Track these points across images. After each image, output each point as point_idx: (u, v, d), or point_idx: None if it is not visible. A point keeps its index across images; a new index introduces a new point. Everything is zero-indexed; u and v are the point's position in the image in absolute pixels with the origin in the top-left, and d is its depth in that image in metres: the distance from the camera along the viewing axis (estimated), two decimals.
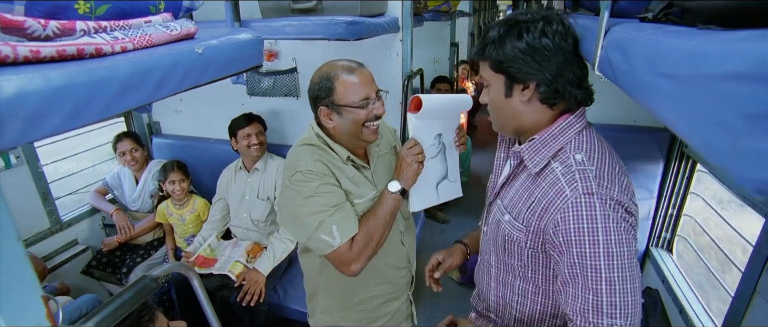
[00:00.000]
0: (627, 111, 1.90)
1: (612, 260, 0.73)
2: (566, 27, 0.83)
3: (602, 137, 0.88)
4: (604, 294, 0.73)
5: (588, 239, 0.74)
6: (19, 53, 0.52)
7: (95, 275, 2.32)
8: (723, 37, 0.39)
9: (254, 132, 2.12)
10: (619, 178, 0.79)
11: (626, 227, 0.74)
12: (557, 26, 0.81)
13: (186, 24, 0.86)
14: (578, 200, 0.75)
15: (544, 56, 0.81)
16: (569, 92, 0.83)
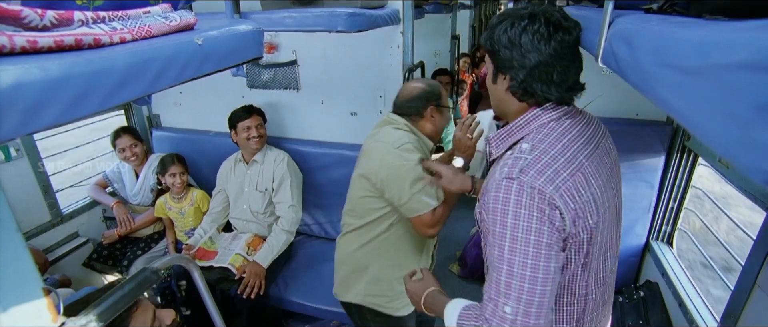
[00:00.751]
0: (628, 104, 1.90)
1: (515, 244, 0.76)
2: (551, 29, 0.82)
3: (575, 130, 0.86)
4: (503, 274, 0.77)
5: (499, 220, 0.77)
6: (15, 43, 0.51)
7: (96, 268, 2.33)
8: (731, 27, 0.38)
9: (254, 124, 2.11)
10: (558, 171, 0.78)
11: (540, 217, 0.75)
12: (539, 27, 0.82)
13: (185, 15, 0.85)
14: (499, 183, 0.78)
15: (520, 52, 0.83)
16: (539, 91, 0.85)
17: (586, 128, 0.88)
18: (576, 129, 0.86)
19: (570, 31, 0.84)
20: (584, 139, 0.86)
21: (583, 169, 0.81)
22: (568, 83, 0.85)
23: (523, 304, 0.76)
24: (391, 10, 1.96)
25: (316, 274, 2.19)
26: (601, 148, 0.89)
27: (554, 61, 0.83)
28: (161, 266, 0.96)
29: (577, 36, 0.85)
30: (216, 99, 2.46)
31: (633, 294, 1.87)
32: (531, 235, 0.75)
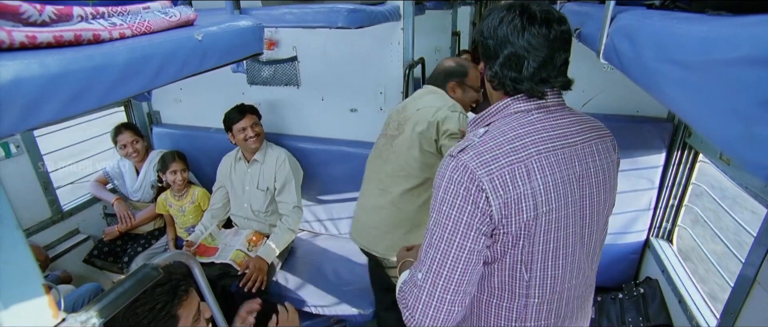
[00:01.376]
0: (629, 101, 1.89)
1: (439, 217, 0.81)
2: (525, 21, 0.83)
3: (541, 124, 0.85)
4: (425, 242, 0.83)
5: (434, 192, 0.83)
6: (15, 39, 0.51)
7: (97, 264, 2.33)
8: (735, 22, 0.38)
9: (249, 124, 2.09)
10: (497, 157, 0.79)
11: (465, 196, 0.77)
12: (513, 18, 0.83)
13: (185, 10, 0.85)
14: (444, 159, 0.84)
15: (495, 43, 0.85)
16: (509, 82, 0.86)
17: (560, 125, 0.87)
18: (543, 123, 0.85)
19: (547, 24, 0.84)
20: (549, 135, 0.84)
21: (529, 162, 0.80)
22: (540, 76, 0.84)
23: (432, 275, 0.81)
24: (392, 7, 1.95)
25: (316, 271, 2.20)
26: (577, 148, 0.87)
27: (526, 53, 0.83)
28: (162, 262, 0.96)
29: (559, 31, 0.84)
30: (216, 95, 2.45)
31: (633, 290, 1.87)
32: (453, 210, 0.79)
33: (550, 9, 0.86)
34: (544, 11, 0.84)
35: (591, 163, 0.88)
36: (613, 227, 1.99)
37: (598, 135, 0.92)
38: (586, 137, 0.89)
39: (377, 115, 2.27)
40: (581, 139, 0.88)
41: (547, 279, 0.88)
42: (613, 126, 1.82)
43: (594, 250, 0.97)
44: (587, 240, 0.93)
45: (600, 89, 1.90)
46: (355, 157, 2.27)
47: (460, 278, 0.80)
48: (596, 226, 0.93)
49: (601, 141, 0.92)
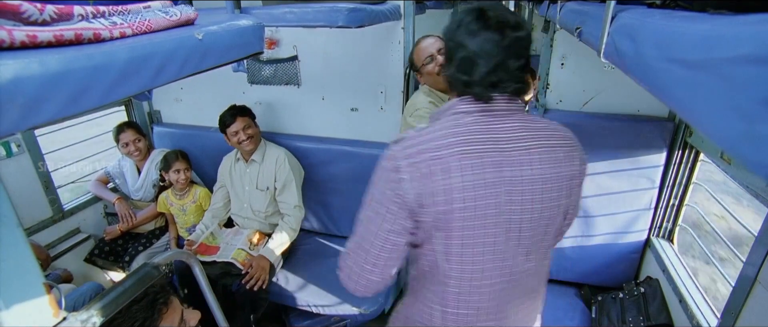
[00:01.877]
0: (630, 100, 1.89)
1: (368, 196, 0.91)
2: (479, 26, 0.85)
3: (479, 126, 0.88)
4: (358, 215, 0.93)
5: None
6: (15, 38, 0.51)
7: (98, 263, 2.34)
8: (736, 21, 0.38)
9: (241, 127, 2.08)
10: (422, 151, 0.85)
11: (387, 179, 0.87)
12: (469, 22, 0.86)
13: (185, 9, 0.85)
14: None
15: (452, 45, 0.89)
16: (459, 84, 0.89)
17: (498, 130, 0.88)
18: (480, 127, 0.87)
19: (500, 29, 0.85)
20: (481, 138, 0.86)
21: (450, 160, 0.84)
22: (490, 80, 0.86)
23: (355, 246, 0.92)
24: (392, 6, 1.95)
25: (316, 270, 2.20)
26: (511, 154, 0.87)
27: (478, 57, 0.85)
28: (163, 261, 0.96)
29: (513, 37, 0.84)
30: (217, 95, 2.45)
31: (633, 290, 1.87)
32: (377, 191, 0.89)
33: (507, 14, 0.87)
34: (499, 16, 0.86)
35: (529, 169, 0.89)
36: (613, 227, 1.99)
37: (549, 144, 0.91)
38: (529, 144, 0.89)
39: (378, 114, 2.27)
40: (521, 146, 0.88)
41: (464, 273, 0.92)
42: (614, 125, 1.84)
43: (537, 257, 0.98)
44: (523, 245, 0.94)
45: (600, 89, 1.90)
46: (355, 157, 2.27)
47: (378, 254, 0.89)
48: (539, 233, 0.94)
49: (553, 151, 0.91)
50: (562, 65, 1.91)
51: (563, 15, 1.42)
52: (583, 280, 2.12)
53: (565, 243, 2.08)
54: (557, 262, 2.13)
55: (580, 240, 2.05)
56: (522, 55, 0.88)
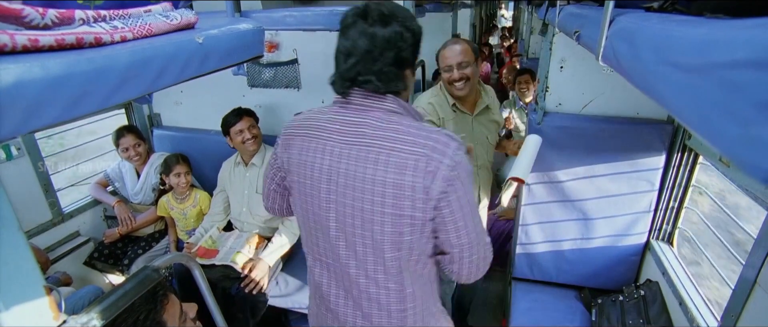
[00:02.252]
0: (629, 103, 1.89)
1: None
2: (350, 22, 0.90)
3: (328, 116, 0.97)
4: None
5: None
6: (17, 42, 0.52)
7: (97, 267, 2.33)
8: (731, 25, 0.38)
9: (246, 126, 2.10)
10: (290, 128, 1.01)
11: (276, 145, 1.06)
12: (344, 18, 0.92)
13: (186, 13, 0.86)
14: None
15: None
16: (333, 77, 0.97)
17: (338, 122, 0.95)
18: (327, 116, 0.97)
19: (365, 27, 0.89)
20: (320, 125, 0.97)
21: (297, 138, 0.99)
22: (348, 75, 0.92)
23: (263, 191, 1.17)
24: None
25: None
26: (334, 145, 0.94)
27: (340, 53, 0.93)
28: (162, 264, 0.96)
29: (371, 33, 0.88)
30: (217, 98, 2.46)
31: (633, 293, 1.87)
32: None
33: (385, 11, 0.90)
34: (374, 12, 0.90)
35: (353, 166, 0.92)
36: (613, 229, 2.00)
37: (394, 148, 0.90)
38: (370, 142, 0.91)
39: None
40: (360, 141, 0.92)
41: (309, 238, 1.07)
42: (613, 128, 1.84)
43: (367, 261, 0.99)
44: (344, 239, 0.99)
45: (600, 92, 1.91)
46: None
47: (267, 194, 1.15)
48: (365, 235, 0.95)
49: (395, 155, 0.90)
50: (562, 68, 1.92)
51: (562, 18, 1.43)
52: (583, 283, 2.12)
53: (564, 245, 2.08)
54: (557, 265, 2.13)
55: (580, 242, 2.05)
56: (384, 52, 0.90)
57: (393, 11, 0.91)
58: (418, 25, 0.95)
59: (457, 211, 0.92)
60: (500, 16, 12.87)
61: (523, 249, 2.15)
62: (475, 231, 0.97)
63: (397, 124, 0.92)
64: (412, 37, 0.93)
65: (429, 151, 0.88)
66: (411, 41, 0.93)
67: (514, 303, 2.10)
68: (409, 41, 0.92)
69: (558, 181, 1.97)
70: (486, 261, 1.04)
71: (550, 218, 2.06)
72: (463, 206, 0.93)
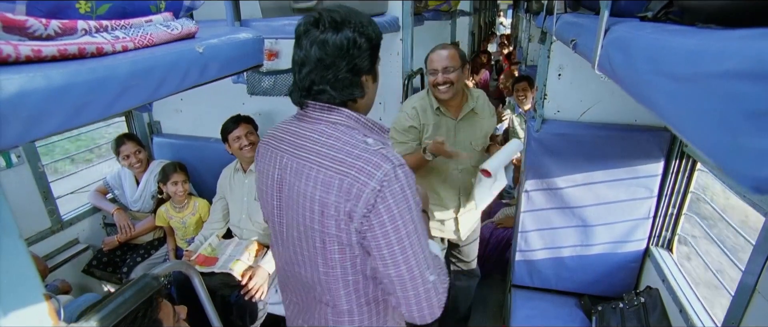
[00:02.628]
0: (627, 110, 1.91)
1: None
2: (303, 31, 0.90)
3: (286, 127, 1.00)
4: None
5: None
6: (21, 53, 0.52)
7: (96, 274, 2.33)
8: (722, 36, 0.39)
9: (244, 133, 2.11)
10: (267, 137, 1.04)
11: None
12: (299, 26, 0.92)
13: (186, 23, 0.87)
14: None
15: None
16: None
17: (293, 134, 0.97)
18: (289, 127, 0.99)
19: (297, 39, 0.90)
20: (283, 136, 0.99)
21: (262, 146, 1.04)
22: (303, 85, 0.92)
23: None
24: (391, 18, 1.97)
25: None
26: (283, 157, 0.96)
27: (295, 63, 0.93)
28: (162, 272, 0.96)
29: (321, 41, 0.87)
30: (216, 106, 2.47)
31: (633, 300, 1.87)
32: None
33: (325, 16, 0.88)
34: (328, 20, 0.88)
35: (294, 179, 0.93)
36: (612, 236, 2.00)
37: (325, 165, 0.88)
38: (308, 157, 0.91)
39: None
40: (302, 155, 0.92)
41: (278, 249, 1.08)
42: (612, 135, 1.85)
43: (303, 262, 1.00)
44: (293, 245, 1.00)
45: (598, 99, 1.92)
46: None
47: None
48: (308, 246, 0.96)
49: (325, 172, 0.88)
50: (560, 76, 1.93)
51: (559, 27, 1.44)
52: (583, 290, 2.11)
53: (564, 253, 2.08)
54: (556, 272, 2.13)
55: (579, 249, 2.05)
56: (339, 59, 0.87)
57: (347, 17, 0.88)
58: (375, 30, 0.92)
59: (381, 239, 0.85)
60: (499, 23, 12.96)
61: (523, 256, 2.15)
62: (408, 265, 0.87)
63: (335, 139, 0.89)
64: (367, 42, 0.89)
65: (355, 173, 0.84)
66: (366, 47, 0.90)
67: (514, 310, 2.09)
68: (364, 47, 0.89)
69: (557, 188, 1.97)
70: (431, 303, 0.91)
71: (549, 225, 2.06)
72: (388, 234, 0.85)
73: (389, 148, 0.89)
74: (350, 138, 0.89)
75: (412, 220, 0.86)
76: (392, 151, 0.89)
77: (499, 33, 10.91)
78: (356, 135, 0.90)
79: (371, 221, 0.84)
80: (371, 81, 0.97)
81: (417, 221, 0.88)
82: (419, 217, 0.89)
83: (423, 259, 0.88)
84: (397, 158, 0.86)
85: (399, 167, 0.85)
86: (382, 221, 0.84)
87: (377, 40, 0.93)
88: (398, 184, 0.84)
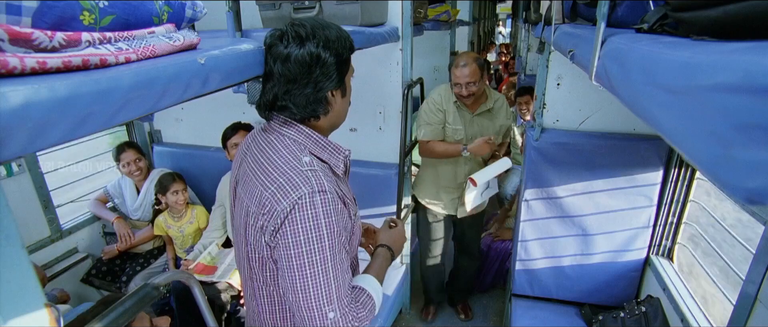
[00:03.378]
0: (626, 119, 1.92)
1: None
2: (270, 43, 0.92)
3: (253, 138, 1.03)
4: None
5: None
6: (26, 65, 0.53)
7: (95, 284, 2.32)
8: (715, 49, 0.40)
9: (241, 141, 2.12)
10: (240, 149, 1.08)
11: None
12: (267, 39, 0.95)
13: (188, 35, 0.88)
14: None
15: None
16: None
17: (257, 145, 0.97)
18: (253, 138, 1.01)
19: (265, 53, 0.93)
20: (248, 147, 1.01)
21: (238, 153, 1.05)
22: (266, 99, 0.95)
23: None
24: (391, 28, 1.99)
25: None
26: (243, 167, 0.98)
27: (263, 76, 0.97)
28: (162, 282, 0.96)
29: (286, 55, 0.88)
30: (217, 115, 2.48)
31: (634, 309, 1.86)
32: None
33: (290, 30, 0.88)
34: (282, 34, 0.89)
35: (241, 188, 0.96)
36: (612, 245, 1.99)
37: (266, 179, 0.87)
38: (256, 169, 0.91)
39: (376, 134, 2.29)
40: (249, 163, 0.95)
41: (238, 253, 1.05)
42: (611, 144, 1.86)
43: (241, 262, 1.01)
44: (236, 245, 1.03)
45: (596, 108, 1.93)
46: (354, 177, 2.27)
47: None
48: (238, 246, 0.99)
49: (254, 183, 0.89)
50: (558, 85, 1.94)
51: (557, 37, 1.45)
52: (584, 299, 2.10)
53: (564, 261, 2.07)
54: (557, 281, 2.12)
55: (580, 258, 2.05)
56: (301, 75, 0.87)
57: (313, 30, 0.86)
58: (344, 44, 0.90)
59: (284, 260, 0.83)
60: (498, 33, 13.06)
61: (523, 265, 2.15)
62: (304, 295, 0.83)
63: (275, 152, 0.89)
64: (332, 57, 0.87)
65: (274, 189, 0.84)
66: (332, 62, 0.88)
67: (515, 320, 2.08)
68: (329, 63, 0.87)
69: (556, 197, 1.98)
70: None
71: (549, 234, 2.06)
72: (291, 258, 0.82)
73: (319, 173, 0.86)
74: (289, 153, 0.88)
75: (322, 249, 0.82)
76: (321, 176, 0.85)
77: (498, 42, 10.99)
78: (297, 151, 0.89)
79: (277, 240, 0.83)
80: (340, 96, 0.96)
81: (327, 251, 0.83)
82: (333, 247, 0.84)
83: (324, 294, 0.83)
84: (320, 184, 0.83)
85: (319, 194, 0.82)
86: (286, 243, 0.82)
87: (345, 54, 0.91)
88: (312, 210, 0.81)
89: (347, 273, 0.89)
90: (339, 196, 0.88)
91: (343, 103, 0.99)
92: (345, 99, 0.99)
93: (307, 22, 0.88)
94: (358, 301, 0.91)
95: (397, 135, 2.23)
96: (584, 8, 1.32)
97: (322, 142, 0.95)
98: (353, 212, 0.99)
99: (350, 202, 0.99)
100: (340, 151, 0.99)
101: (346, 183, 1.07)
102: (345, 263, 0.88)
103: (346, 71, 0.94)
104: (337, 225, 0.84)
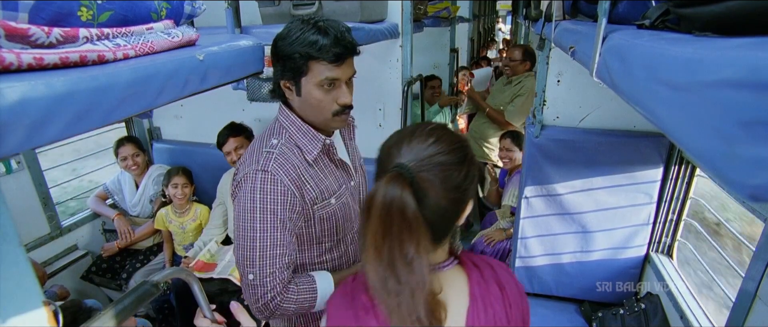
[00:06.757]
0: (626, 116, 1.91)
1: None
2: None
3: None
4: None
5: None
6: (23, 61, 0.53)
7: (95, 281, 2.32)
8: (718, 45, 0.40)
9: (233, 148, 2.11)
10: None
11: None
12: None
13: (187, 31, 0.87)
14: None
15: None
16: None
17: None
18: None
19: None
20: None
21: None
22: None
23: None
24: (390, 25, 1.98)
25: None
26: None
27: None
28: (161, 279, 0.95)
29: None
30: (216, 112, 2.47)
31: (634, 306, 1.86)
32: None
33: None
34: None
35: None
36: (612, 242, 1.99)
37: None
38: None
39: (376, 131, 2.29)
40: None
41: None
42: (611, 141, 1.85)
43: None
44: None
45: (597, 105, 1.93)
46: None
47: None
48: None
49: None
50: (558, 82, 1.94)
51: (558, 34, 1.45)
52: (583, 296, 2.11)
53: (563, 259, 2.08)
54: (557, 278, 2.13)
55: (579, 255, 2.05)
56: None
57: (289, 25, 1.01)
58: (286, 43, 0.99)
59: (232, 221, 1.07)
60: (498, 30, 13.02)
61: (523, 262, 2.15)
62: (237, 255, 0.99)
63: (263, 131, 1.09)
64: (277, 50, 1.01)
65: (240, 163, 1.04)
66: (278, 56, 1.01)
67: None
68: (277, 55, 1.02)
69: (556, 194, 1.98)
70: (249, 298, 1.00)
71: (549, 231, 2.06)
72: (235, 220, 0.98)
73: (273, 155, 0.98)
74: (264, 134, 1.06)
75: (253, 219, 0.94)
76: (272, 158, 0.97)
77: (498, 39, 10.96)
78: (272, 133, 1.05)
79: (233, 204, 1.01)
80: (294, 93, 1.03)
81: (258, 223, 0.94)
82: (265, 220, 0.95)
83: (248, 256, 0.96)
84: (265, 165, 0.96)
85: (260, 172, 0.95)
86: (234, 208, 0.99)
87: (286, 51, 0.99)
88: (250, 185, 0.95)
89: (285, 248, 0.97)
90: (291, 180, 0.97)
91: (302, 101, 1.04)
92: (302, 98, 1.03)
93: (297, 19, 1.00)
94: (295, 280, 1.02)
95: None
96: (585, 5, 1.32)
97: (304, 128, 1.05)
98: (320, 200, 1.06)
99: (315, 189, 1.05)
100: (317, 138, 1.06)
101: (329, 172, 1.11)
102: (282, 239, 0.96)
103: (292, 68, 1.00)
104: (274, 204, 0.95)
